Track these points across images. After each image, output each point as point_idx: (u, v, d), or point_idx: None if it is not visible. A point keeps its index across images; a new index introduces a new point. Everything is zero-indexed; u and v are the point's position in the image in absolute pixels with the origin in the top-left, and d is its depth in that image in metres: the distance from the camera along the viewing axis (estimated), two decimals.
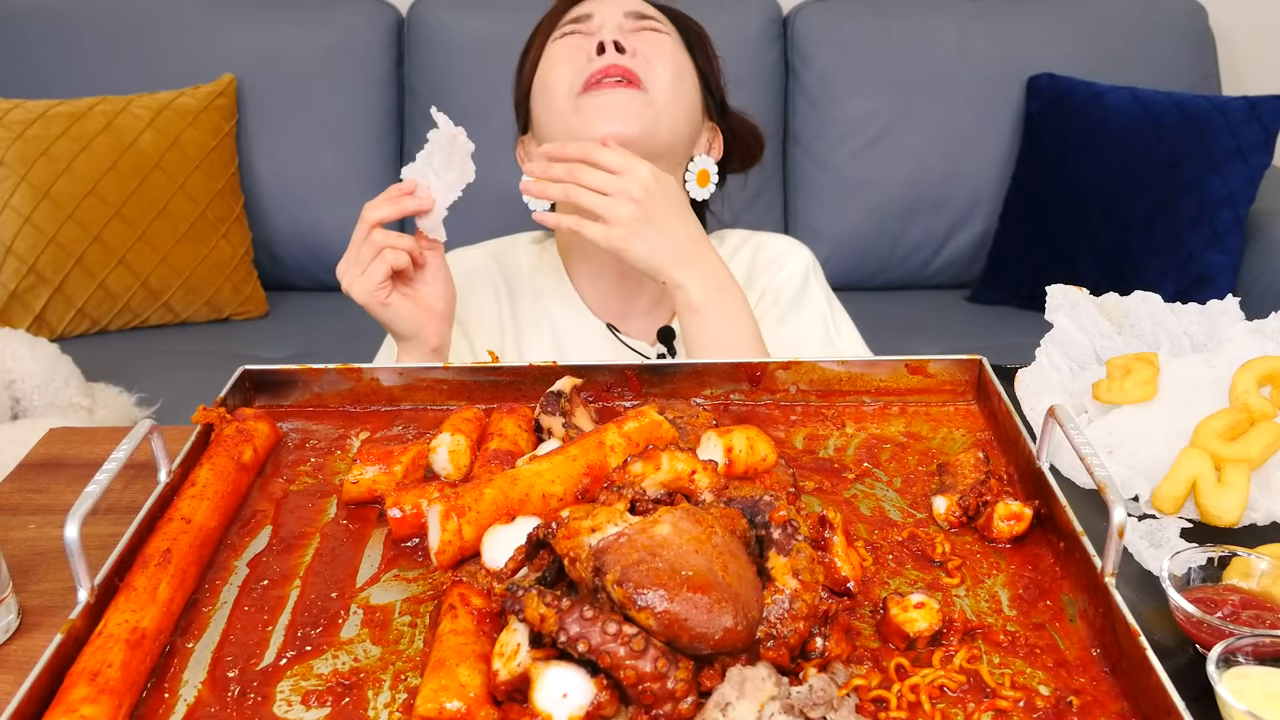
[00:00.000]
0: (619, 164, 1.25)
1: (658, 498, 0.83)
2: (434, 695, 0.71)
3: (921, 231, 2.81)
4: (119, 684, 0.73)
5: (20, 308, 2.51)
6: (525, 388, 1.11)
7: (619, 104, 1.34)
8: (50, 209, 2.49)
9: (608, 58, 1.36)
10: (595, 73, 1.35)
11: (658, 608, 0.69)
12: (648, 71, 1.37)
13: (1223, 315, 1.16)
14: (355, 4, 2.84)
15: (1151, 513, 0.99)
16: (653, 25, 1.43)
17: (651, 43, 1.40)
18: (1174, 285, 2.53)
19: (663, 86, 1.37)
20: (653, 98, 1.36)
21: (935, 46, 2.76)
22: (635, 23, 1.42)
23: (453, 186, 1.26)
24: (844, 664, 0.75)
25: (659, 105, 1.36)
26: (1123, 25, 2.79)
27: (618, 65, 1.35)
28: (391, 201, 1.25)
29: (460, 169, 1.25)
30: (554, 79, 1.39)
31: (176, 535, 0.87)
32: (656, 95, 1.37)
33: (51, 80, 2.68)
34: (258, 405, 1.13)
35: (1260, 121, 2.53)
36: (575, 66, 1.38)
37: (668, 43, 1.42)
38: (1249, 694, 0.72)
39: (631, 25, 1.41)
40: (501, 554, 0.82)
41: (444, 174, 1.26)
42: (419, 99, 2.81)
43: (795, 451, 1.04)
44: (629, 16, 1.42)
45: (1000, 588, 0.86)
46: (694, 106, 1.43)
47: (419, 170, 1.27)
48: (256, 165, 2.76)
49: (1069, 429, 0.87)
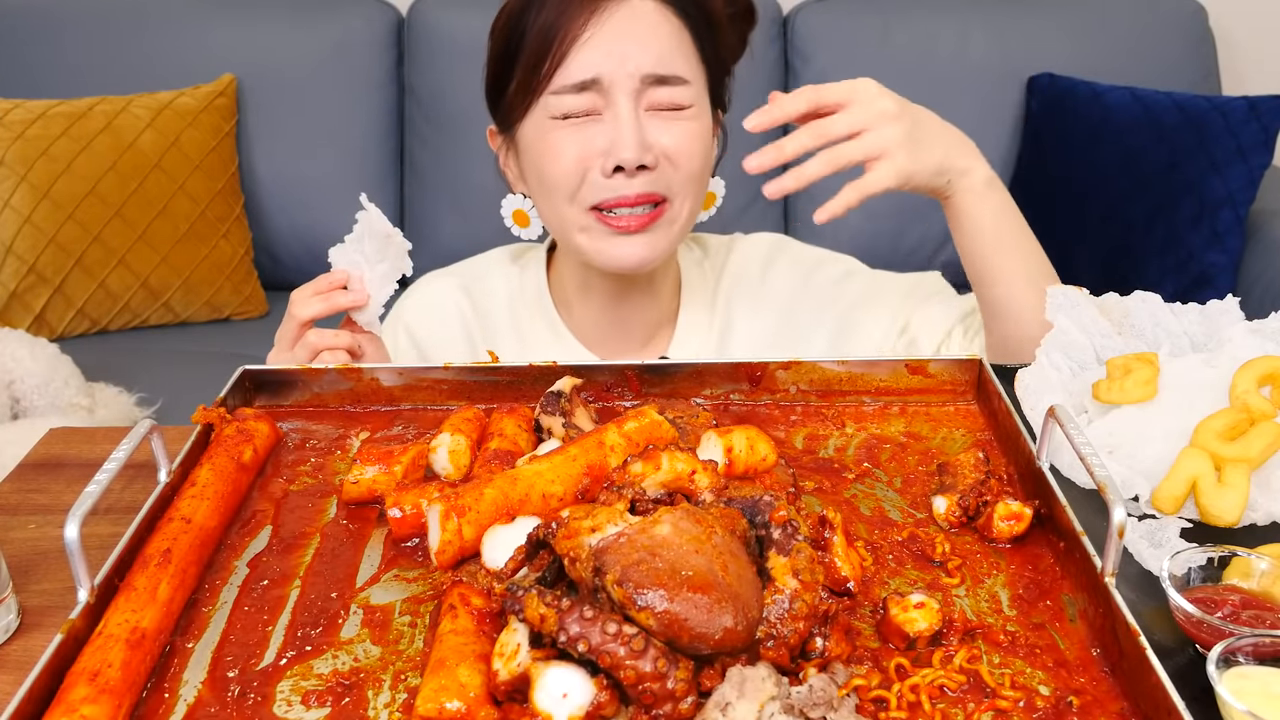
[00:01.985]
0: (844, 94, 1.13)
1: (658, 498, 0.83)
2: (434, 695, 0.71)
3: (921, 231, 2.81)
4: (119, 684, 0.73)
5: (20, 308, 2.51)
6: (525, 388, 1.11)
7: (637, 245, 1.24)
8: (50, 209, 2.49)
9: (620, 185, 1.21)
10: (609, 200, 1.22)
11: (658, 608, 0.69)
12: (670, 178, 1.23)
13: (1223, 315, 1.16)
14: (355, 4, 2.84)
15: (1151, 513, 0.99)
16: (673, 102, 1.22)
17: (674, 133, 1.22)
18: (1174, 285, 2.53)
19: (687, 190, 1.24)
20: (676, 211, 1.25)
21: (935, 46, 2.76)
22: (653, 92, 1.21)
23: (387, 279, 1.17)
24: (844, 664, 0.75)
25: (682, 213, 1.26)
26: (1123, 25, 2.80)
27: (639, 194, 1.21)
28: (323, 298, 1.17)
29: (395, 261, 1.16)
30: (558, 177, 1.23)
31: (176, 535, 0.87)
32: (680, 205, 1.25)
33: (52, 80, 2.69)
34: (258, 405, 1.13)
35: (1260, 121, 2.53)
36: (584, 171, 1.22)
37: (691, 125, 1.23)
38: (1249, 694, 0.72)
39: (649, 100, 1.21)
40: (501, 554, 0.82)
41: (376, 264, 1.17)
42: (419, 99, 2.81)
43: (795, 451, 1.04)
44: (646, 83, 1.21)
45: (1000, 588, 0.86)
46: (711, 156, 1.30)
47: (349, 258, 1.18)
48: (256, 165, 2.76)
49: (1069, 429, 0.87)
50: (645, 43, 1.21)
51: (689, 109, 1.24)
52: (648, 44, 1.21)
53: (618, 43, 1.20)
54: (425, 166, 2.83)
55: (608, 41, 1.20)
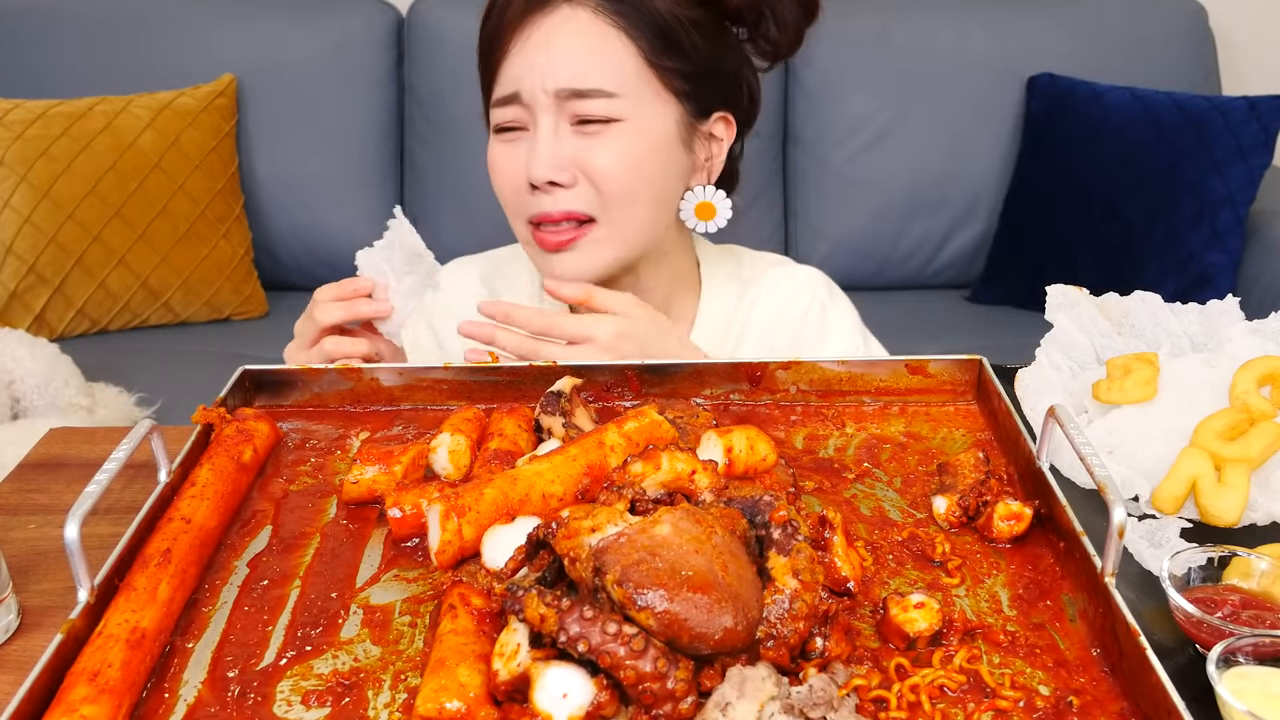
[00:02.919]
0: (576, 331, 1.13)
1: (658, 498, 0.83)
2: (434, 695, 0.71)
3: (921, 231, 2.81)
4: (119, 684, 0.73)
5: (20, 308, 2.51)
6: (525, 388, 1.11)
7: (569, 264, 1.23)
8: (50, 209, 2.49)
9: (544, 202, 1.21)
10: (535, 216, 1.22)
11: (658, 608, 0.69)
12: (590, 197, 1.21)
13: (1223, 315, 1.16)
14: (355, 4, 2.84)
15: (1151, 513, 0.99)
16: (596, 114, 1.19)
17: (594, 150, 1.20)
18: (1174, 285, 2.53)
19: (617, 209, 1.22)
20: (607, 232, 1.23)
21: (935, 46, 2.76)
22: (574, 105, 1.19)
23: (413, 292, 1.16)
24: (844, 664, 0.75)
25: (616, 233, 1.23)
26: (1123, 25, 2.80)
27: (562, 212, 1.21)
28: (346, 306, 1.16)
29: (423, 278, 1.16)
30: (498, 190, 1.26)
31: (176, 535, 0.87)
32: (611, 225, 1.23)
33: (52, 80, 2.69)
34: (258, 405, 1.13)
35: (1260, 121, 2.53)
36: (516, 186, 1.23)
37: (618, 141, 1.20)
38: (1249, 694, 0.72)
39: (572, 113, 1.19)
40: (501, 554, 0.82)
41: (404, 275, 1.16)
42: (419, 99, 2.81)
43: (795, 451, 1.04)
44: (563, 98, 1.19)
45: (1000, 588, 0.86)
46: (665, 170, 1.25)
47: (376, 265, 1.17)
48: (256, 165, 2.76)
49: (1069, 429, 0.87)
50: (563, 55, 1.19)
51: (619, 123, 1.20)
52: (566, 57, 1.19)
53: (537, 55, 1.19)
54: (426, 166, 2.83)
55: (528, 54, 1.20)
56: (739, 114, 1.33)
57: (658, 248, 1.33)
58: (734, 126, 1.33)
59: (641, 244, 1.28)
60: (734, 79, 1.31)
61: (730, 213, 1.32)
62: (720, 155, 1.33)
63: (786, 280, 1.42)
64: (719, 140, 1.32)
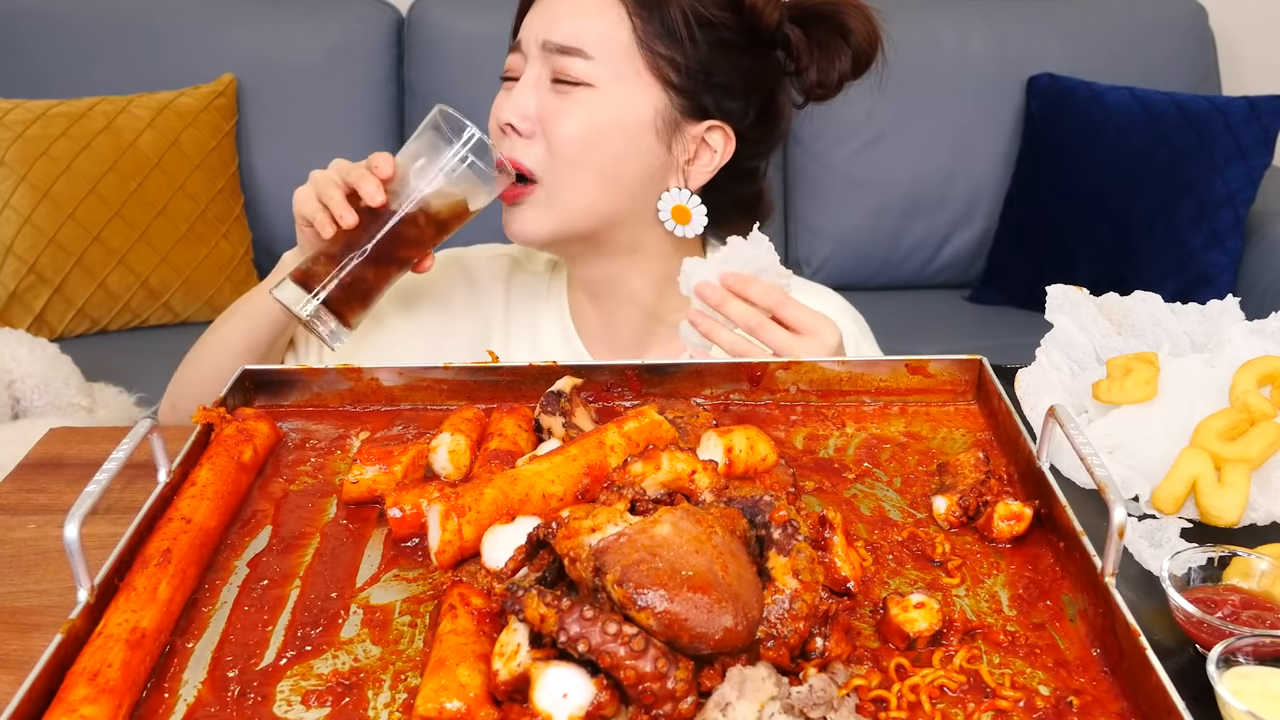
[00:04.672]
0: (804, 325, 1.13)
1: (658, 498, 0.83)
2: (434, 695, 0.71)
3: (921, 231, 2.81)
4: (119, 684, 0.73)
5: (20, 308, 2.51)
6: (525, 388, 1.11)
7: (514, 216, 1.25)
8: (50, 209, 2.49)
9: (503, 146, 1.23)
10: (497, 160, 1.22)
11: (658, 608, 0.69)
12: (539, 154, 1.22)
13: (1223, 315, 1.16)
14: (355, 4, 2.84)
15: (1151, 513, 0.99)
16: (566, 76, 1.21)
17: (556, 106, 1.21)
18: (1174, 285, 2.53)
19: (560, 172, 1.22)
20: (548, 196, 1.23)
21: (935, 46, 2.76)
22: (554, 59, 1.22)
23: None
24: (844, 664, 0.75)
25: (557, 201, 1.23)
26: (1123, 25, 2.80)
27: (511, 158, 1.22)
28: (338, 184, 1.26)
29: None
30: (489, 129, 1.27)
31: (176, 535, 0.87)
32: (554, 189, 1.23)
33: (51, 80, 2.68)
34: (258, 405, 1.13)
35: (1260, 121, 2.53)
36: (494, 130, 1.26)
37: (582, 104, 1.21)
38: (1249, 694, 0.72)
39: (552, 69, 1.22)
40: (501, 554, 0.82)
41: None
42: (419, 99, 2.81)
43: (795, 451, 1.04)
44: (548, 50, 1.22)
45: (1000, 588, 0.86)
46: (627, 152, 1.23)
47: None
48: (256, 165, 2.76)
49: (1069, 429, 0.87)
50: (561, 11, 1.22)
51: (586, 87, 1.21)
52: (563, 12, 1.22)
53: (545, 7, 1.24)
54: None
55: (540, 7, 1.25)
56: (742, 131, 1.29)
57: (630, 242, 1.31)
58: (733, 142, 1.29)
59: (583, 221, 1.26)
60: (742, 92, 1.28)
61: (705, 220, 1.29)
62: (709, 165, 1.29)
63: None
64: (710, 150, 1.28)
